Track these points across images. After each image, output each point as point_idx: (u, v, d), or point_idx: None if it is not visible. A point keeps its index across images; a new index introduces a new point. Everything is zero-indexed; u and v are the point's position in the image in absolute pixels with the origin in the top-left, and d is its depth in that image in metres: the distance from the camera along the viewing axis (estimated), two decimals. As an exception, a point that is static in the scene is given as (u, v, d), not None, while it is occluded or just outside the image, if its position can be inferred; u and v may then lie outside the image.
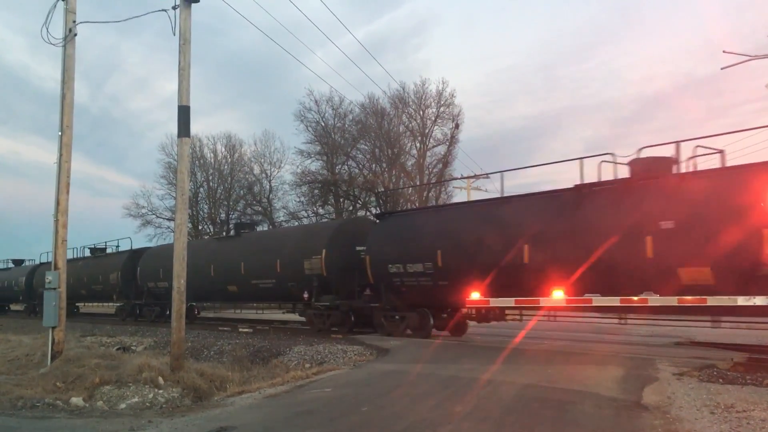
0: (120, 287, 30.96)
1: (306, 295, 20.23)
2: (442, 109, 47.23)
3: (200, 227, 55.58)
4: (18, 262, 45.75)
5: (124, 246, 35.40)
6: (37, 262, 41.51)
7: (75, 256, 37.04)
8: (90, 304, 43.07)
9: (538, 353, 13.60)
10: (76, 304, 39.80)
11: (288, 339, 17.90)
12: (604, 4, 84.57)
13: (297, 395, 9.30)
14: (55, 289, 12.42)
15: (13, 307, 46.57)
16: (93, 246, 36.74)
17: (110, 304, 37.34)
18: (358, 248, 19.38)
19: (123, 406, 9.51)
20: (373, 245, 18.52)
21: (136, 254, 31.60)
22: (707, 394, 8.30)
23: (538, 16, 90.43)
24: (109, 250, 36.06)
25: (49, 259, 36.17)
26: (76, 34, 12.69)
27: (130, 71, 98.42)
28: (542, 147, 77.71)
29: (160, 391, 10.13)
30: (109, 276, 31.94)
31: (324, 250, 19.69)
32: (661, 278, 11.86)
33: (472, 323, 18.33)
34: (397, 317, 17.79)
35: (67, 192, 12.59)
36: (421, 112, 47.71)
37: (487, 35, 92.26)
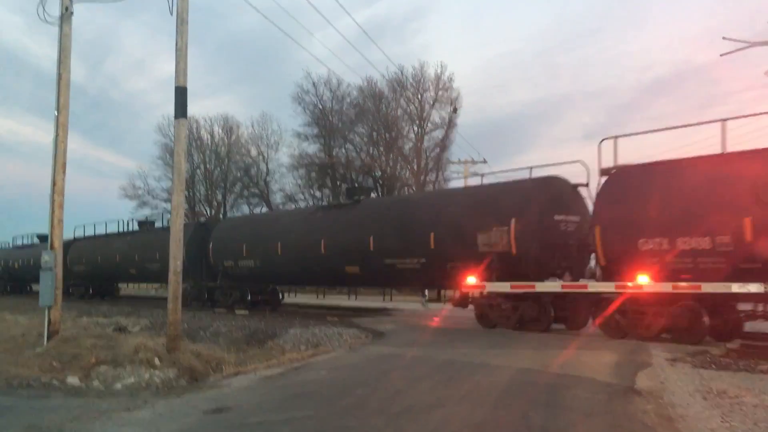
0: (185, 267, 26.78)
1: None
2: (440, 92, 47.14)
3: (197, 209, 55.54)
4: (44, 238, 42.30)
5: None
6: (71, 236, 36.44)
7: (121, 230, 33.82)
8: (136, 285, 40.42)
9: (532, 338, 13.66)
10: (119, 285, 36.78)
11: (284, 321, 17.95)
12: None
13: (292, 377, 9.35)
14: (51, 269, 12.40)
15: (36, 287, 43.11)
16: (145, 219, 34.27)
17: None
18: (557, 217, 15.18)
19: (119, 386, 9.53)
20: (604, 211, 13.75)
21: (204, 227, 27.20)
22: (700, 379, 8.36)
23: (537, 2, 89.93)
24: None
25: (87, 234, 34.02)
26: (72, 13, 12.56)
27: (129, 52, 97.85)
28: (541, 133, 77.72)
29: (156, 372, 10.14)
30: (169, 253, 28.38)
31: (514, 220, 14.79)
32: None
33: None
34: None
35: (64, 172, 12.53)
36: (419, 96, 47.59)
37: (487, 21, 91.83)
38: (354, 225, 19.32)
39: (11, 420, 6.99)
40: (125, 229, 33.48)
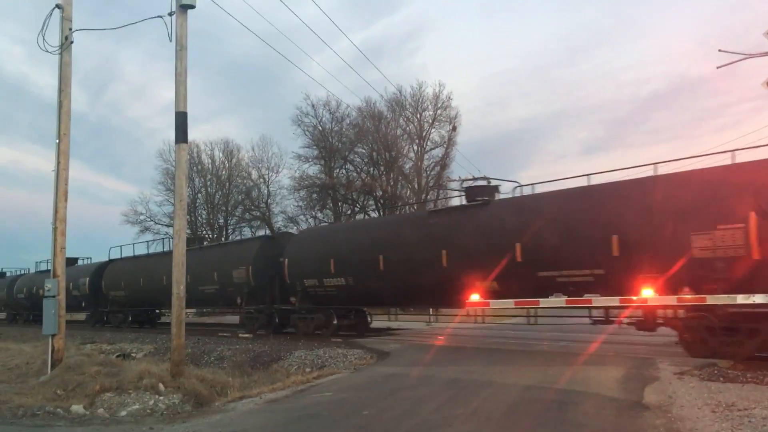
0: (251, 288, 22.39)
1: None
2: (438, 111, 47.39)
3: (199, 233, 55.60)
4: (71, 262, 35.27)
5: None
6: (106, 258, 33.55)
7: (167, 249, 29.59)
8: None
9: (537, 354, 13.59)
10: (158, 311, 32.06)
11: (288, 343, 17.89)
12: (599, 7, 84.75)
13: (298, 400, 9.30)
14: (54, 296, 12.41)
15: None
16: (192, 235, 31.21)
17: (222, 309, 29.31)
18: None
19: (124, 413, 9.49)
20: None
21: (274, 241, 23.74)
22: (708, 392, 8.31)
23: (532, 19, 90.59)
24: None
25: (123, 255, 32.18)
26: (72, 42, 12.70)
27: (129, 79, 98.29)
28: (539, 149, 77.73)
29: (161, 398, 10.11)
30: (231, 273, 23.17)
31: (752, 214, 11.26)
32: None
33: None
34: None
35: (66, 199, 12.57)
36: (418, 115, 47.86)
37: (483, 39, 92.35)
38: (489, 230, 15.61)
39: (16, 450, 6.95)
40: (168, 248, 29.29)
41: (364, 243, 19.22)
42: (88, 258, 37.11)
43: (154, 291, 27.80)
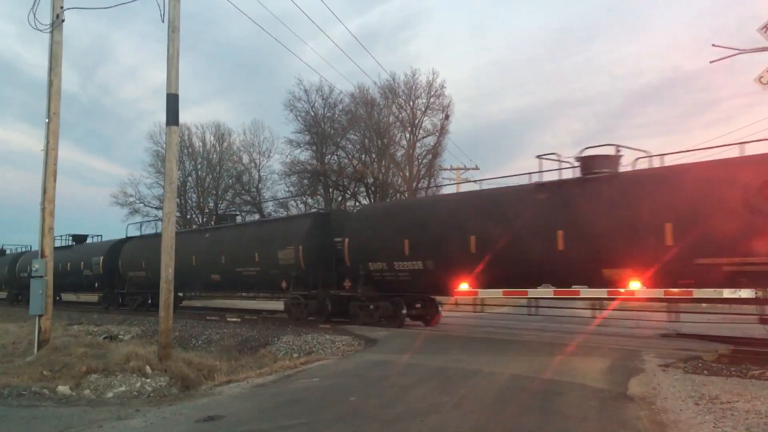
0: (300, 271, 20.16)
1: None
2: (431, 99, 47.15)
3: (189, 216, 55.37)
4: (80, 239, 35.79)
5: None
6: (123, 236, 32.05)
7: (195, 227, 27.14)
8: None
9: (524, 345, 13.66)
10: (181, 294, 29.25)
11: (276, 329, 17.90)
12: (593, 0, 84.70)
13: (285, 385, 9.32)
14: (41, 277, 12.36)
15: (65, 296, 36.83)
16: (224, 212, 28.98)
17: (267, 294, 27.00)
18: None
19: (110, 394, 9.49)
20: None
21: (326, 219, 21.36)
22: (692, 385, 8.39)
23: (527, 11, 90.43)
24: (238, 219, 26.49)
25: (142, 233, 31.89)
26: (63, 20, 12.56)
27: (121, 60, 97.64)
28: (532, 140, 77.95)
29: (148, 380, 10.11)
30: (276, 253, 20.80)
31: None
32: None
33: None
34: None
35: (54, 180, 12.50)
36: (411, 103, 47.60)
37: (477, 29, 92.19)
38: (624, 208, 13.15)
39: (1, 430, 6.93)
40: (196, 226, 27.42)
41: (450, 221, 16.60)
42: (98, 236, 35.79)
43: (180, 272, 25.07)
